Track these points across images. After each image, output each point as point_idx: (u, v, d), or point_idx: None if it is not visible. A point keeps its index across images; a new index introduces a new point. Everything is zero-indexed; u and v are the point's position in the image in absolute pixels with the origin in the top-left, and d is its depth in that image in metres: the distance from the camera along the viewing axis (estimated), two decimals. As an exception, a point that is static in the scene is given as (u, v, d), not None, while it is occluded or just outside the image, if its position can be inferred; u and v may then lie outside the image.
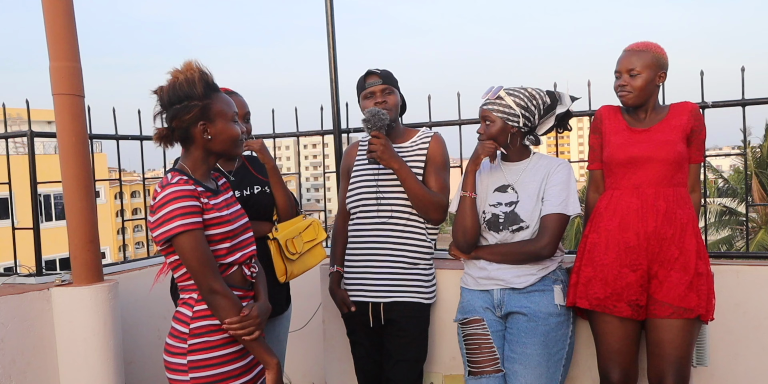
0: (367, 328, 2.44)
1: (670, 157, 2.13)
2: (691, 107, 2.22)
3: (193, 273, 1.71)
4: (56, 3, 2.41)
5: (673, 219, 2.11)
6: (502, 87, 2.24)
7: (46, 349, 2.45)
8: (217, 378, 1.75)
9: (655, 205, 2.12)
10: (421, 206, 2.35)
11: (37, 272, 2.68)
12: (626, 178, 2.19)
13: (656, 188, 2.14)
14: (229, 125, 1.81)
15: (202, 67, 1.79)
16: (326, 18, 3.10)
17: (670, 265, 2.09)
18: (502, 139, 2.24)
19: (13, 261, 2.83)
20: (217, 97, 1.80)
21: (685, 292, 2.07)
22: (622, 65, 2.19)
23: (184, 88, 1.75)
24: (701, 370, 2.39)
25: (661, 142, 2.15)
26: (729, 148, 15.61)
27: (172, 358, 1.78)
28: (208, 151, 1.82)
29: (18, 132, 2.80)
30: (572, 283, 2.22)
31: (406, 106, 2.61)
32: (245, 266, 1.87)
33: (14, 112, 4.02)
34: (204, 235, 1.72)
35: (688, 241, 2.10)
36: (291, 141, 31.34)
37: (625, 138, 2.21)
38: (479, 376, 2.24)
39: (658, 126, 2.20)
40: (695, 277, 2.08)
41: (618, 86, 2.21)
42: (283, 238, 2.34)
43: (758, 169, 15.91)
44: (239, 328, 1.72)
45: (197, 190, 1.73)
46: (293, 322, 2.65)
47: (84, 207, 2.47)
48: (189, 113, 1.75)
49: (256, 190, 2.35)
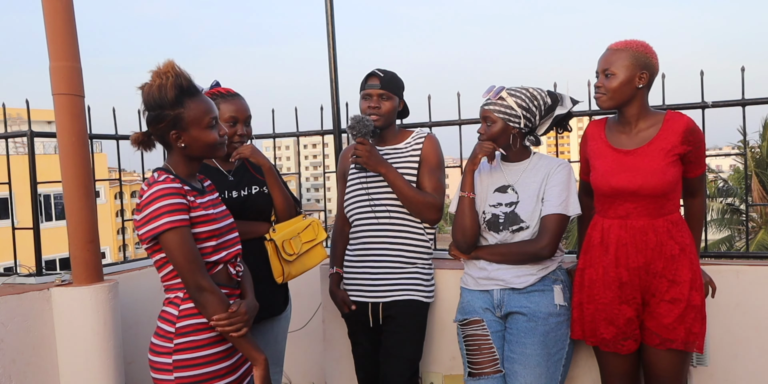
0: (367, 328, 2.44)
1: (657, 190, 2.00)
2: (686, 125, 2.02)
3: (181, 270, 1.70)
4: (56, 3, 2.41)
5: (663, 252, 2.03)
6: (503, 87, 2.22)
7: (46, 349, 2.45)
8: (202, 378, 1.74)
9: (644, 240, 2.04)
10: (413, 208, 2.36)
11: (37, 272, 2.67)
12: (613, 209, 2.09)
13: (645, 220, 2.04)
14: (204, 132, 1.78)
15: (179, 69, 1.74)
16: (326, 18, 3.10)
17: (660, 296, 2.05)
18: (503, 140, 2.22)
19: (13, 261, 2.83)
20: (191, 104, 1.75)
21: (674, 324, 2.02)
22: (600, 65, 2.07)
23: (156, 95, 1.72)
24: (701, 370, 2.39)
25: (649, 172, 2.00)
26: (729, 148, 15.60)
27: (157, 357, 1.77)
28: (188, 157, 1.81)
29: (18, 132, 2.80)
30: (576, 317, 2.18)
31: (408, 111, 2.60)
32: (230, 265, 1.87)
33: (14, 112, 4.02)
34: (191, 232, 1.72)
35: (681, 272, 2.03)
36: (291, 141, 31.32)
37: (609, 163, 2.08)
38: (479, 377, 2.24)
39: (646, 148, 2.03)
40: (687, 309, 2.02)
41: (595, 87, 2.09)
42: (279, 239, 2.32)
43: (758, 169, 15.90)
44: (227, 324, 1.72)
45: (184, 189, 1.74)
46: (293, 322, 2.65)
47: (84, 207, 2.47)
48: (161, 122, 1.75)
49: (253, 190, 2.34)
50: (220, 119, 2.23)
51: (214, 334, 1.77)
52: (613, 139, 2.13)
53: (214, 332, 1.76)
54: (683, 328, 2.02)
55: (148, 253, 1.78)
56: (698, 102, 2.57)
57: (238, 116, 2.30)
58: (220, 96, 2.30)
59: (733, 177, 18.88)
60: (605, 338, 2.10)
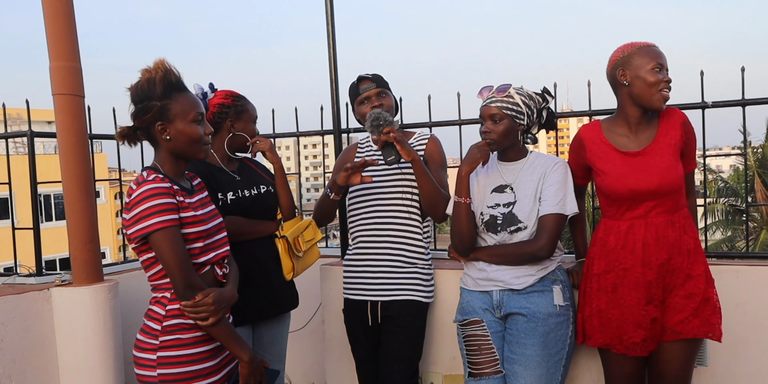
0: (367, 328, 2.44)
1: (675, 185, 2.03)
2: (681, 118, 2.08)
3: (170, 270, 1.70)
4: (56, 3, 2.41)
5: (681, 247, 2.05)
6: (510, 85, 2.20)
7: (46, 349, 2.45)
8: (184, 376, 1.75)
9: (665, 236, 2.04)
10: (433, 201, 2.32)
11: (37, 272, 2.67)
12: (630, 210, 2.09)
13: (665, 217, 2.06)
14: (190, 126, 1.78)
15: (168, 66, 1.77)
16: (326, 18, 3.09)
17: (676, 292, 2.05)
18: (510, 138, 2.20)
19: (13, 261, 2.83)
20: (179, 97, 1.78)
21: (690, 318, 2.03)
22: (660, 60, 2.05)
23: (144, 88, 1.75)
24: (701, 370, 2.39)
25: (662, 170, 2.02)
26: (729, 148, 15.59)
27: (141, 353, 1.78)
28: (173, 154, 1.81)
29: (18, 132, 2.80)
30: (597, 324, 2.13)
31: (399, 107, 2.63)
32: (217, 266, 1.87)
33: (14, 112, 4.02)
34: (181, 232, 1.72)
35: (696, 267, 2.05)
36: (291, 141, 31.26)
37: (620, 166, 2.08)
38: (479, 377, 2.24)
39: (653, 146, 2.06)
40: (703, 302, 2.04)
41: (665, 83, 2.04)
42: (291, 235, 2.36)
43: (759, 169, 15.89)
44: (191, 311, 1.72)
45: (173, 188, 1.74)
46: (293, 322, 2.65)
47: (84, 207, 2.47)
48: (147, 113, 1.76)
49: (262, 189, 2.37)
50: (251, 120, 2.36)
51: (200, 333, 1.78)
52: (615, 141, 2.12)
53: (200, 332, 1.78)
54: (699, 320, 2.03)
55: (136, 252, 1.79)
56: (698, 102, 2.57)
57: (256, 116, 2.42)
58: (243, 98, 2.38)
59: (733, 177, 18.87)
60: (635, 342, 2.07)
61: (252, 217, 2.31)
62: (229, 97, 2.33)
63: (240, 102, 2.34)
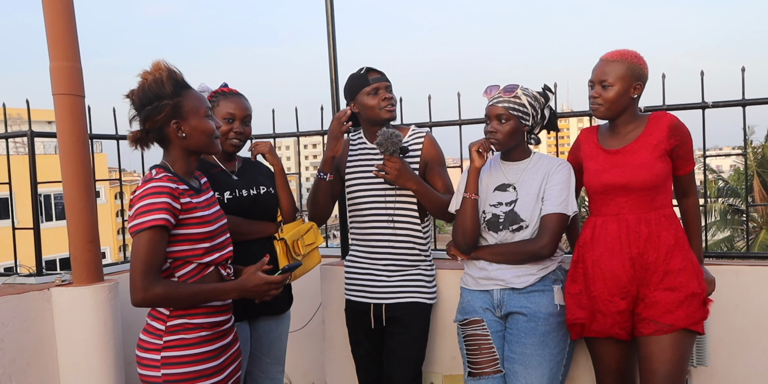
0: (369, 330, 2.44)
1: (646, 183, 2.06)
2: (669, 121, 2.09)
3: (134, 267, 1.68)
4: (56, 3, 2.41)
5: (657, 243, 2.06)
6: (518, 85, 2.20)
7: (46, 349, 2.45)
8: (189, 376, 1.75)
9: (636, 231, 2.07)
10: (439, 211, 2.39)
11: (37, 272, 2.67)
12: (606, 205, 2.13)
13: (637, 214, 2.08)
14: (203, 121, 1.81)
15: (170, 66, 1.79)
16: (326, 18, 3.09)
17: (654, 287, 2.06)
18: (516, 138, 2.21)
19: (13, 261, 2.83)
20: (188, 94, 1.80)
21: (670, 308, 2.03)
22: (595, 75, 2.10)
23: (153, 88, 1.75)
24: (701, 370, 2.39)
25: (636, 166, 2.06)
26: (729, 148, 15.59)
27: (144, 353, 1.78)
28: (187, 150, 1.82)
29: (18, 132, 2.80)
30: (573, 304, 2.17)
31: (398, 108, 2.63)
32: (221, 267, 1.87)
33: (14, 112, 4.02)
34: (167, 236, 1.70)
35: (675, 263, 2.05)
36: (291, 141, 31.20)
37: (600, 162, 2.14)
38: (479, 377, 2.24)
39: (633, 145, 2.10)
40: (689, 297, 2.04)
41: (590, 97, 2.14)
42: (290, 238, 2.34)
43: (759, 169, 15.89)
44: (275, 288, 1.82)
45: (178, 189, 1.73)
46: (293, 322, 2.65)
47: (84, 207, 2.47)
48: (160, 113, 1.75)
49: (262, 190, 2.35)
50: (218, 116, 2.26)
51: (204, 333, 1.78)
52: (604, 141, 2.19)
53: (204, 331, 1.78)
54: (682, 312, 2.03)
55: None
56: (698, 102, 2.57)
57: (236, 114, 2.29)
58: (221, 94, 2.32)
59: (734, 177, 18.87)
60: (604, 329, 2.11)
61: (250, 217, 2.29)
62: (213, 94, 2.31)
63: (217, 98, 2.29)
